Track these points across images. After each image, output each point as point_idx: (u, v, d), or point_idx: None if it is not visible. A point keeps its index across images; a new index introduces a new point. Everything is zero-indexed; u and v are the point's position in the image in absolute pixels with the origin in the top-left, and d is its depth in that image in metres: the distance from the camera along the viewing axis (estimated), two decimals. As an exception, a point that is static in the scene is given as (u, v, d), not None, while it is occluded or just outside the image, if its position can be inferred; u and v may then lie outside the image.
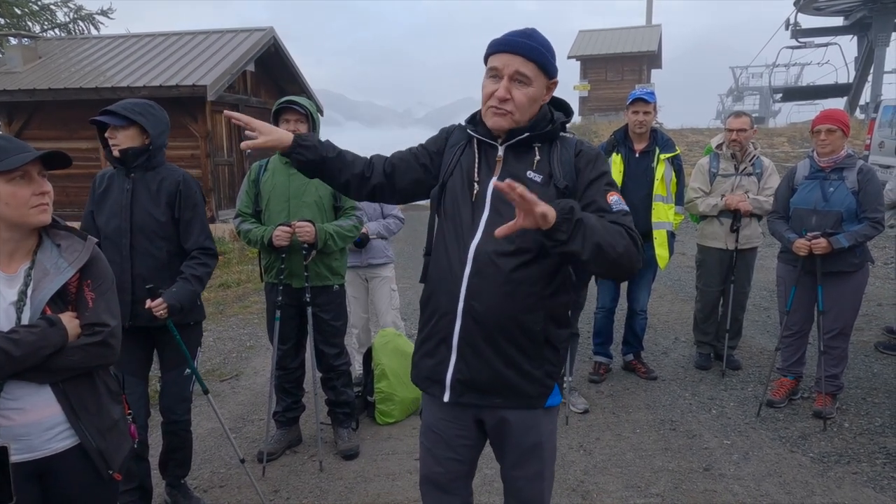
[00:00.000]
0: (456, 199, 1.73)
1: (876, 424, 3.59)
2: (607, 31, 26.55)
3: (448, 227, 1.74)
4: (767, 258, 7.86)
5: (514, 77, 1.61)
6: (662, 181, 3.98)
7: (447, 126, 1.90)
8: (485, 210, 1.69)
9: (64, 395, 1.65)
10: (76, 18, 19.38)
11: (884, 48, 19.26)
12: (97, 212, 2.60)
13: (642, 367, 4.43)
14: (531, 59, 1.61)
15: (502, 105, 1.63)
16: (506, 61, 1.61)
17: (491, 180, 1.66)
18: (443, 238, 1.75)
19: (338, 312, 3.36)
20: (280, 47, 12.40)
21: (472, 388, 1.72)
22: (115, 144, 2.55)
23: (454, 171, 1.77)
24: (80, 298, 1.69)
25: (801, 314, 3.75)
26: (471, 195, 1.71)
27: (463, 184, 1.74)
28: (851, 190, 3.47)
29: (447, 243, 1.73)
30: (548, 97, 1.72)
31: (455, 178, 1.76)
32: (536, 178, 1.68)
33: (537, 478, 1.84)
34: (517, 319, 1.66)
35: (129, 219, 2.56)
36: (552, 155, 1.71)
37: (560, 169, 1.69)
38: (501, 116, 1.65)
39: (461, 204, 1.72)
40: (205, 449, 3.50)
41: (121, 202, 2.57)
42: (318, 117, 3.24)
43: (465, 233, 1.69)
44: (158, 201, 2.60)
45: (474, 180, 1.71)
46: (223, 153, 11.32)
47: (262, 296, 4.88)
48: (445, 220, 1.76)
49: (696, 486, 3.01)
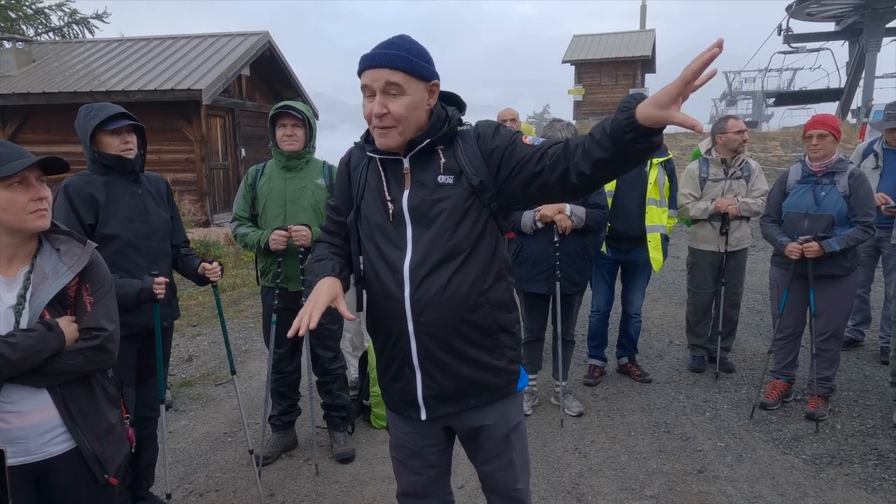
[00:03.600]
0: (373, 221, 1.70)
1: (868, 426, 3.63)
2: (602, 36, 26.69)
3: (372, 249, 1.70)
4: (760, 261, 7.91)
5: (385, 90, 1.55)
6: (655, 185, 4.01)
7: (341, 160, 1.90)
8: (406, 226, 1.65)
9: (61, 399, 1.66)
10: (70, 22, 19.36)
11: (875, 53, 19.47)
12: (104, 221, 2.48)
13: (637, 369, 4.45)
14: (397, 68, 1.54)
15: (383, 121, 1.58)
16: (373, 77, 1.55)
17: (404, 194, 1.65)
18: (370, 262, 1.71)
19: (333, 316, 3.37)
20: (275, 51, 12.42)
21: (445, 399, 1.73)
22: (130, 149, 2.53)
23: (364, 194, 1.73)
24: (79, 303, 1.70)
25: (793, 317, 3.78)
26: (388, 215, 1.66)
27: (377, 205, 1.69)
28: (843, 194, 3.51)
29: (377, 268, 1.69)
30: (433, 100, 1.65)
31: (367, 200, 1.72)
32: (448, 179, 1.64)
33: (509, 467, 1.86)
34: (467, 321, 1.66)
35: (149, 221, 2.59)
36: (456, 153, 1.66)
37: (468, 164, 1.65)
38: (386, 135, 1.60)
39: (381, 225, 1.68)
40: (200, 453, 3.50)
41: (137, 206, 2.56)
42: (315, 122, 3.26)
43: (393, 253, 1.66)
44: (162, 202, 2.70)
45: (387, 199, 1.67)
46: (218, 157, 11.31)
47: (258, 299, 4.88)
48: (368, 243, 1.71)
49: (690, 488, 3.03)
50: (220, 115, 11.36)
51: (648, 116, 1.31)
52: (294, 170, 3.20)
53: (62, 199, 2.42)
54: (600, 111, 24.21)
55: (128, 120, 2.50)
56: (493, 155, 1.64)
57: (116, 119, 2.47)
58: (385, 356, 1.78)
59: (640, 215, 4.01)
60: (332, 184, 3.27)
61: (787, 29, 21.22)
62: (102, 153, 2.49)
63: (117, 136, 2.49)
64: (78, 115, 2.50)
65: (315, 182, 3.22)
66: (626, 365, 4.51)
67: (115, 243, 2.47)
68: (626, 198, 3.99)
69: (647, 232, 4.02)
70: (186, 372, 4.82)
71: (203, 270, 2.73)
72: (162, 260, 2.64)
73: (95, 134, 2.46)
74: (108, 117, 2.44)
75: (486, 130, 1.68)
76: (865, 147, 4.61)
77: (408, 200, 1.65)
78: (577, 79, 25.82)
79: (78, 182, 2.48)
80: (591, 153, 1.44)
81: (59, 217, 2.34)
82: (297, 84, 13.40)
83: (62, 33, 19.04)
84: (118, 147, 2.49)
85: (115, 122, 2.46)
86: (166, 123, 10.52)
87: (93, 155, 2.49)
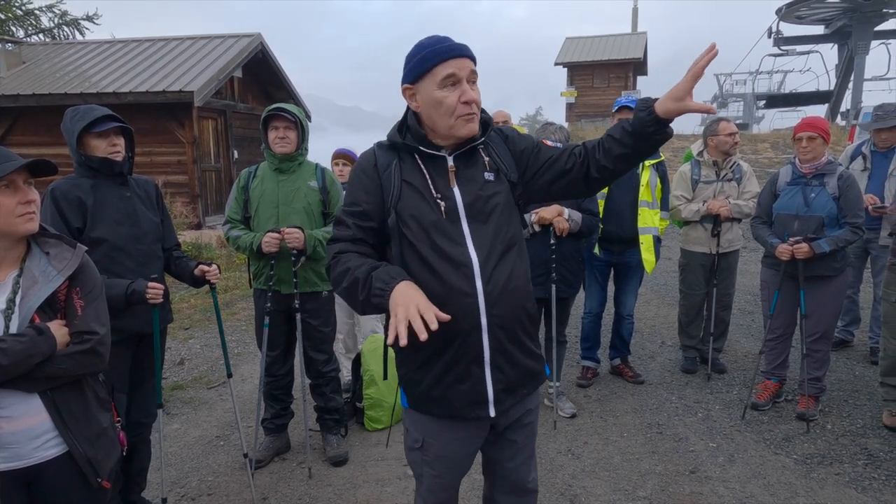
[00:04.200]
0: (426, 220, 1.64)
1: (858, 426, 3.66)
2: (594, 39, 26.81)
3: (427, 248, 1.64)
4: (752, 263, 7.96)
5: (471, 78, 1.61)
6: (647, 187, 4.03)
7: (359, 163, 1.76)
8: (461, 222, 1.66)
9: (52, 404, 1.65)
10: (61, 24, 19.24)
11: (863, 56, 19.67)
12: (92, 224, 2.45)
13: (629, 371, 4.47)
14: (473, 59, 1.62)
15: (472, 108, 1.60)
16: (459, 65, 1.58)
17: (454, 191, 1.67)
18: (425, 262, 1.64)
19: (326, 318, 3.37)
20: (268, 53, 12.39)
21: (510, 391, 1.74)
22: (118, 151, 2.50)
23: (402, 194, 1.66)
24: (69, 306, 1.69)
25: (784, 318, 3.81)
26: (440, 212, 1.65)
27: (425, 203, 1.65)
28: (832, 196, 3.54)
29: (436, 266, 1.63)
30: None
31: (409, 200, 1.66)
32: (491, 177, 1.72)
33: (530, 457, 1.92)
34: (525, 310, 1.74)
35: (138, 224, 2.56)
36: (491, 152, 1.74)
37: (503, 162, 1.74)
38: (472, 120, 1.63)
39: (436, 223, 1.64)
40: (192, 457, 3.48)
41: (126, 209, 2.54)
42: (307, 124, 3.26)
43: (455, 249, 1.63)
44: (151, 205, 2.67)
45: (436, 197, 1.65)
46: (210, 159, 11.27)
47: (251, 302, 4.87)
48: (421, 244, 1.64)
49: (682, 488, 3.05)
50: (213, 116, 11.31)
51: (669, 110, 1.55)
52: (287, 172, 3.19)
53: (48, 202, 2.38)
54: (593, 113, 24.31)
55: (115, 122, 2.47)
56: (523, 155, 1.76)
57: (103, 121, 2.43)
58: (444, 359, 1.66)
59: (633, 217, 4.03)
60: (325, 186, 3.26)
61: (778, 32, 21.41)
62: (89, 156, 2.45)
63: (104, 139, 2.45)
64: (64, 118, 2.47)
65: (308, 184, 3.22)
66: (618, 366, 4.53)
67: (103, 247, 2.44)
68: (619, 200, 4.01)
69: (640, 234, 4.04)
70: (179, 375, 4.79)
71: (202, 272, 2.72)
72: (152, 263, 2.62)
73: (82, 136, 2.42)
74: (94, 119, 2.41)
75: (513, 133, 1.81)
76: (854, 149, 4.66)
77: (461, 197, 1.67)
78: (569, 81, 25.92)
79: (65, 185, 2.44)
80: (612, 151, 1.66)
81: (46, 221, 2.31)
82: (290, 86, 13.37)
83: (52, 34, 18.92)
84: (105, 150, 2.46)
85: (102, 125, 2.43)
86: (158, 125, 10.47)
87: (80, 158, 2.45)
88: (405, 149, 1.71)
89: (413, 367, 1.73)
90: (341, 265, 1.63)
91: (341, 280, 1.61)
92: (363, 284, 1.55)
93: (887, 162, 4.34)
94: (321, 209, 3.26)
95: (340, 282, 1.62)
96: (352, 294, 1.59)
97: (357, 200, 1.70)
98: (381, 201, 1.68)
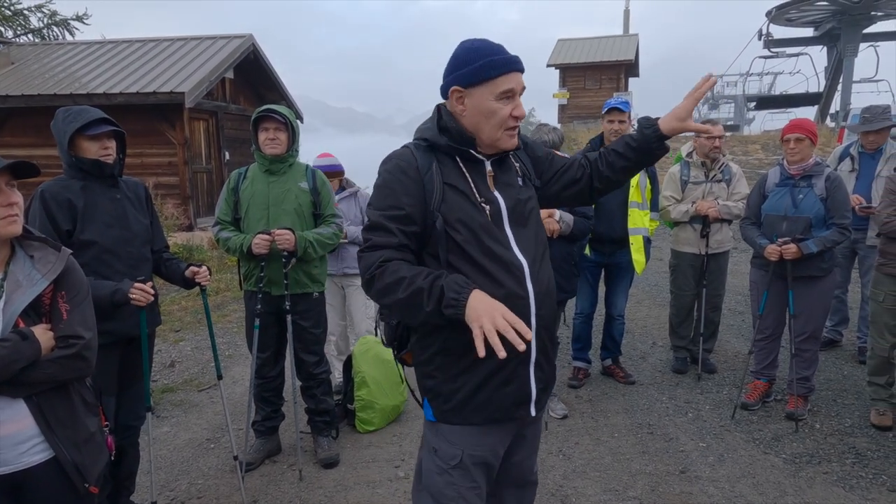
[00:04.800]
0: (476, 224, 1.63)
1: (846, 425, 3.69)
2: (586, 41, 26.87)
3: (477, 252, 1.62)
4: (742, 263, 8.01)
5: (521, 93, 1.66)
6: (637, 188, 4.05)
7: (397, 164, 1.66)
8: (504, 225, 1.67)
9: (38, 409, 1.63)
10: (50, 24, 19.06)
11: (852, 58, 19.81)
12: (82, 227, 2.42)
13: (620, 371, 4.48)
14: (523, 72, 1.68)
15: (518, 122, 1.66)
16: (517, 80, 1.63)
17: (496, 195, 1.69)
18: (477, 266, 1.61)
19: (318, 320, 3.36)
20: (259, 54, 12.36)
21: (545, 390, 1.79)
22: (109, 154, 2.48)
23: (446, 197, 1.63)
24: (55, 310, 1.67)
25: (773, 318, 3.84)
26: (487, 215, 1.64)
27: (470, 206, 1.64)
28: (820, 197, 3.57)
29: (489, 270, 1.61)
30: None
31: (453, 203, 1.63)
32: (521, 182, 1.78)
33: (535, 450, 1.99)
34: (556, 310, 1.85)
35: (128, 227, 2.54)
36: (518, 158, 1.82)
37: (528, 168, 1.84)
38: (515, 136, 1.68)
39: (485, 226, 1.63)
40: (182, 460, 3.46)
41: (116, 212, 2.52)
42: (298, 125, 3.25)
43: (505, 252, 1.64)
44: (141, 207, 2.66)
45: (480, 201, 1.65)
46: (201, 160, 11.21)
47: (241, 304, 4.84)
48: (471, 247, 1.62)
49: (672, 488, 3.06)
50: (204, 118, 11.26)
51: (673, 128, 1.73)
52: (277, 173, 3.18)
53: (38, 204, 2.35)
54: (585, 115, 24.36)
55: (109, 126, 2.45)
56: (539, 162, 1.87)
57: (98, 124, 2.42)
58: (492, 363, 1.57)
59: (623, 218, 4.04)
60: (316, 187, 3.26)
61: (768, 34, 21.53)
62: (80, 158, 2.43)
63: (97, 142, 2.43)
64: (55, 118, 2.44)
65: (298, 185, 3.21)
66: (609, 367, 4.54)
67: (93, 249, 2.43)
68: (609, 201, 4.02)
69: (630, 234, 4.06)
70: (169, 378, 4.77)
71: (192, 274, 2.71)
72: (142, 266, 2.61)
73: (74, 138, 2.40)
74: (89, 122, 2.39)
75: (530, 141, 1.91)
76: (842, 150, 4.69)
77: (504, 201, 1.70)
78: (561, 82, 25.96)
79: (55, 187, 2.42)
80: (615, 163, 1.82)
81: (35, 223, 2.29)
82: (282, 87, 13.33)
83: (42, 35, 18.76)
84: (97, 152, 2.44)
85: (97, 128, 2.41)
86: (149, 126, 10.40)
87: (70, 159, 2.42)
88: (447, 151, 1.68)
89: (448, 377, 1.66)
90: (392, 275, 1.54)
91: (394, 290, 1.53)
92: (429, 294, 1.49)
93: (875, 163, 4.39)
94: (312, 210, 3.25)
95: (393, 292, 1.53)
96: (413, 305, 1.51)
97: (399, 204, 1.60)
98: (423, 204, 1.61)
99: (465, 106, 1.64)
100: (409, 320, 1.62)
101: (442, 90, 1.69)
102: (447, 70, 1.66)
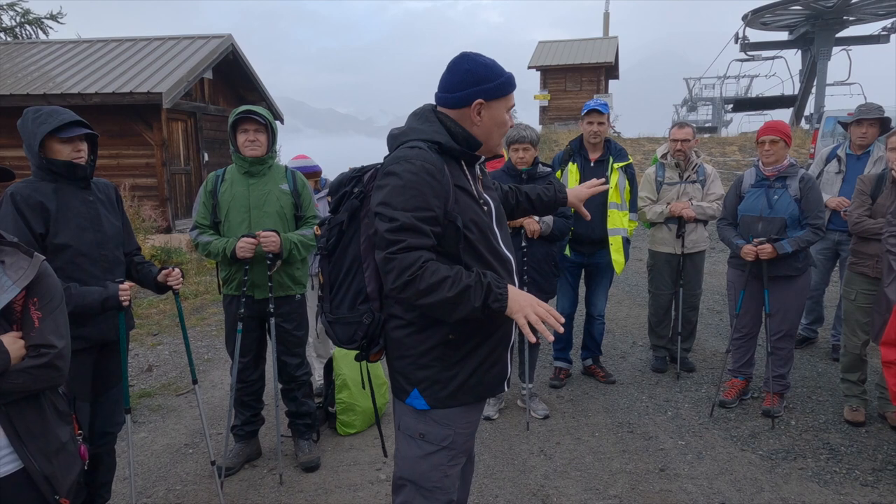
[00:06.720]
0: (482, 222, 1.79)
1: (820, 421, 3.76)
2: (566, 43, 27.06)
3: (485, 249, 1.78)
4: (719, 263, 8.13)
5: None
6: (616, 189, 4.09)
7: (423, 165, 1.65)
8: (494, 224, 1.85)
9: (7, 419, 1.58)
10: (23, 22, 18.67)
11: (825, 62, 20.22)
12: (55, 230, 2.36)
13: (601, 371, 4.52)
14: None
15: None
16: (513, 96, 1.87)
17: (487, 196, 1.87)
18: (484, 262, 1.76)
19: (300, 322, 3.34)
20: (239, 54, 12.23)
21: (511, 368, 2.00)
22: (81, 156, 2.42)
23: (457, 198, 1.73)
24: (26, 318, 1.62)
25: (749, 317, 3.90)
26: (483, 210, 1.81)
27: (474, 205, 1.78)
28: (794, 197, 3.64)
29: (493, 266, 1.79)
30: None
31: (463, 203, 1.74)
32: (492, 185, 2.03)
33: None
34: None
35: (102, 229, 2.49)
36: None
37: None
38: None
39: (488, 224, 1.82)
40: (160, 466, 3.41)
41: (89, 214, 2.46)
42: (277, 126, 3.23)
43: (500, 249, 1.84)
44: (113, 209, 2.62)
45: (479, 200, 1.82)
46: (180, 162, 11.06)
47: (220, 307, 4.79)
48: (480, 245, 1.76)
49: (652, 486, 3.09)
50: (182, 119, 11.12)
51: (571, 203, 2.32)
52: (257, 175, 3.16)
53: (9, 207, 2.28)
54: (566, 116, 24.53)
55: (83, 129, 2.39)
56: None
57: (71, 127, 2.35)
58: (487, 345, 1.81)
59: (602, 219, 4.08)
60: (297, 189, 3.24)
61: (744, 38, 21.87)
62: (52, 159, 2.36)
63: (69, 144, 2.37)
64: (24, 118, 2.36)
65: (279, 187, 3.19)
66: (590, 367, 4.57)
67: (67, 253, 2.37)
68: (588, 202, 3.98)
69: (609, 235, 4.09)
70: (146, 382, 4.69)
71: (164, 277, 2.66)
72: (116, 268, 2.56)
73: (45, 140, 2.33)
74: (62, 125, 2.33)
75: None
76: (829, 152, 4.75)
77: (493, 200, 1.88)
78: (542, 84, 26.11)
79: (26, 190, 2.34)
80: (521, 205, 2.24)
81: (8, 227, 2.22)
82: (262, 88, 13.22)
83: (14, 34, 18.36)
84: (69, 154, 2.38)
85: (70, 131, 2.35)
86: (125, 127, 10.24)
87: (41, 161, 2.35)
88: (454, 154, 1.78)
89: (447, 366, 1.78)
90: (433, 275, 1.59)
91: (439, 289, 1.58)
92: (476, 291, 1.60)
93: (861, 165, 4.40)
94: (293, 212, 3.23)
95: (439, 290, 1.58)
96: (461, 302, 1.59)
97: (429, 205, 1.64)
98: (445, 206, 1.69)
99: (482, 117, 1.78)
100: (447, 316, 1.65)
101: (458, 100, 1.76)
102: (464, 83, 1.75)
